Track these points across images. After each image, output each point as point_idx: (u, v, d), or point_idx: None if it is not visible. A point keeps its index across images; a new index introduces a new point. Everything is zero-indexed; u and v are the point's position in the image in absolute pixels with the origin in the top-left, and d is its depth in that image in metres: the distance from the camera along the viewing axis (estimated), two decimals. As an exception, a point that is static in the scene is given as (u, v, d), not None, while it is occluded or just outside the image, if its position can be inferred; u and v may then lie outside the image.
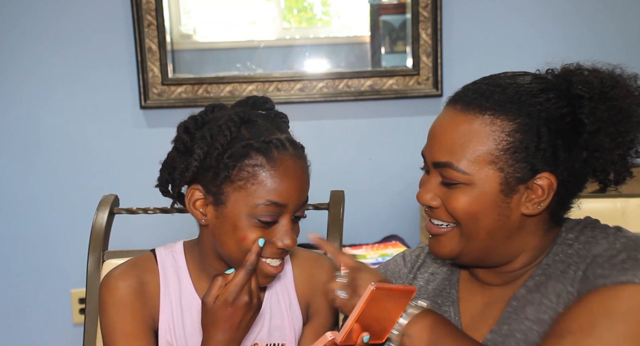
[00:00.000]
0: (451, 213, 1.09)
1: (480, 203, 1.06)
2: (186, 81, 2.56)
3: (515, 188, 1.06)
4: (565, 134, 1.07)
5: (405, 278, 1.26)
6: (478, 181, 1.06)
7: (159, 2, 2.49)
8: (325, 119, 2.62)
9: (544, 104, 1.06)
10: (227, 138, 1.09)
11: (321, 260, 1.30)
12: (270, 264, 1.13)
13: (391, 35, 2.67)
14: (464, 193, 1.07)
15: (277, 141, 1.10)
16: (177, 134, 1.16)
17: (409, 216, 2.67)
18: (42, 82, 2.56)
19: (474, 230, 1.08)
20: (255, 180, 1.08)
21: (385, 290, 1.00)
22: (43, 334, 2.68)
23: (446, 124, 1.09)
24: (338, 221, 1.49)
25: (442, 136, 1.09)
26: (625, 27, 2.61)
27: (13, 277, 2.66)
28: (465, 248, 1.11)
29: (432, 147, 1.11)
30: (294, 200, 1.10)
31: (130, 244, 1.61)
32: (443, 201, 1.10)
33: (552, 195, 1.07)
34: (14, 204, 2.62)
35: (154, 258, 1.22)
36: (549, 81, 1.12)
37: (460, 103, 1.09)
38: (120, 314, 1.16)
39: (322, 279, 1.25)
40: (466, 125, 1.07)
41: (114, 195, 1.57)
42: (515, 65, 2.66)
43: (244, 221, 1.09)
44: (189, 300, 1.20)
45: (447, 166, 1.07)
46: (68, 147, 2.60)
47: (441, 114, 1.13)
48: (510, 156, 1.05)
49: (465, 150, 1.06)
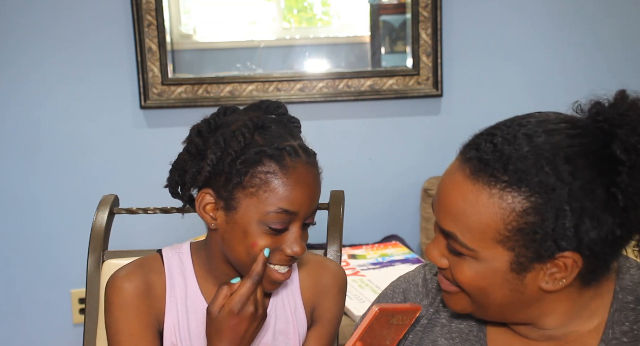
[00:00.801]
0: (457, 283, 0.97)
1: (488, 279, 0.93)
2: (186, 81, 2.56)
3: (530, 266, 0.91)
4: (595, 210, 0.88)
5: (425, 312, 1.11)
6: (484, 258, 0.92)
7: (159, 2, 2.49)
8: (325, 119, 2.62)
9: (568, 178, 0.87)
10: (241, 144, 1.09)
11: (327, 264, 1.29)
12: (278, 271, 1.13)
13: (391, 35, 2.67)
14: (470, 267, 0.94)
15: (290, 148, 1.09)
16: (190, 136, 1.16)
17: (409, 216, 2.67)
18: (42, 82, 2.56)
19: (484, 302, 0.96)
20: (267, 187, 1.08)
21: (389, 310, 0.99)
22: (43, 334, 2.68)
23: (452, 189, 0.94)
24: (338, 221, 1.48)
25: (447, 201, 0.94)
26: (625, 27, 2.61)
27: (13, 277, 2.66)
28: (477, 311, 1.00)
29: (438, 210, 0.96)
30: (305, 208, 1.10)
31: (130, 244, 1.61)
32: (450, 266, 0.97)
33: (578, 271, 0.91)
34: (14, 204, 2.62)
35: (160, 258, 1.22)
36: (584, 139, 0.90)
37: (470, 166, 0.92)
38: (125, 315, 1.16)
39: (328, 284, 1.26)
40: (472, 196, 0.91)
41: (114, 195, 1.57)
42: (515, 65, 2.69)
43: (254, 228, 1.09)
44: (194, 301, 1.19)
45: (451, 237, 0.94)
46: (68, 147, 2.60)
47: (450, 169, 0.96)
48: (522, 237, 0.89)
49: (470, 223, 0.91)
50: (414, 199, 2.64)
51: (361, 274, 2.24)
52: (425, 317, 1.11)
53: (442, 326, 1.09)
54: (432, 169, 2.56)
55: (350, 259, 2.35)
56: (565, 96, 1.05)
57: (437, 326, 1.10)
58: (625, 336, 0.96)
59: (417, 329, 1.11)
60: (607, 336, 0.97)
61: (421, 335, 1.10)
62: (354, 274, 2.22)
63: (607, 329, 0.97)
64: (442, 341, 1.07)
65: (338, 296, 1.28)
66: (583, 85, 1.04)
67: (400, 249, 2.43)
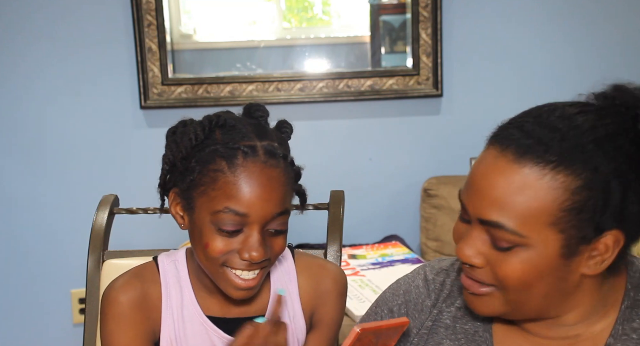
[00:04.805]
0: (500, 279, 0.93)
1: (537, 270, 0.91)
2: (186, 81, 2.56)
3: (577, 249, 0.91)
4: (637, 184, 0.90)
5: (428, 313, 1.09)
6: (535, 244, 0.90)
7: (159, 2, 2.49)
8: (325, 119, 2.62)
9: (612, 153, 0.89)
10: (191, 142, 1.06)
11: (327, 267, 1.25)
12: (240, 277, 1.08)
13: (391, 35, 2.67)
14: (519, 259, 0.91)
15: (247, 148, 1.04)
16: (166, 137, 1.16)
17: (409, 216, 2.67)
18: (42, 82, 2.56)
19: (524, 297, 0.94)
20: (215, 185, 1.04)
21: (372, 329, 0.94)
22: (43, 334, 2.68)
23: (494, 175, 0.91)
24: (338, 221, 1.48)
25: (490, 188, 0.91)
26: (625, 28, 2.61)
27: (13, 277, 2.66)
28: (510, 311, 0.97)
29: (478, 201, 0.93)
30: (257, 210, 1.03)
31: (130, 244, 1.61)
32: (490, 264, 0.94)
33: (618, 251, 0.93)
34: (14, 204, 2.62)
35: (156, 267, 1.19)
36: (613, 118, 0.93)
37: (512, 150, 0.91)
38: (120, 327, 1.14)
39: (328, 288, 1.22)
40: (520, 180, 0.89)
41: (114, 195, 1.57)
42: (515, 65, 2.69)
43: (207, 228, 1.06)
44: (190, 311, 1.17)
45: (498, 227, 0.90)
46: (68, 147, 2.60)
47: (485, 159, 0.94)
48: (575, 216, 0.89)
49: (518, 208, 0.89)
50: (414, 199, 2.64)
51: (361, 274, 2.24)
52: (429, 319, 1.09)
53: (447, 327, 1.07)
54: (432, 169, 2.56)
55: (350, 259, 2.35)
56: (565, 95, 1.05)
57: (441, 328, 1.08)
58: (635, 333, 0.97)
59: (422, 332, 1.09)
60: (616, 331, 0.97)
61: (426, 338, 1.08)
62: (354, 275, 2.22)
63: (617, 325, 0.98)
64: (447, 343, 1.05)
65: (338, 300, 1.24)
66: (583, 85, 1.03)
67: (400, 249, 2.43)
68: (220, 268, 1.08)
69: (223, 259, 1.07)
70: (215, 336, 1.16)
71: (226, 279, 1.08)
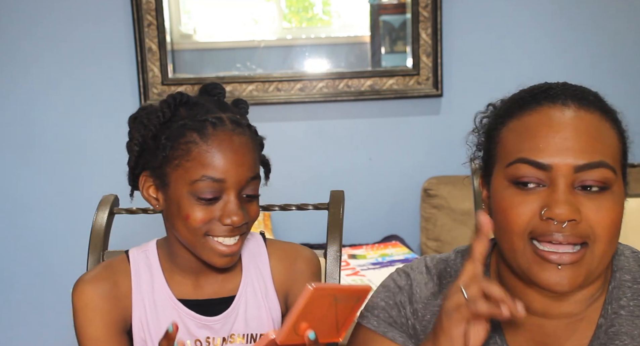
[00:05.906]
0: (594, 226, 0.94)
1: (620, 214, 0.97)
2: (186, 81, 2.56)
3: (626, 189, 1.00)
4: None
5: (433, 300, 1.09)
6: (617, 184, 0.97)
7: (159, 2, 2.49)
8: (325, 119, 2.62)
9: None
10: (159, 119, 1.10)
11: (300, 250, 1.27)
12: (223, 243, 1.11)
13: (391, 35, 2.67)
14: (609, 202, 0.95)
15: (214, 119, 1.10)
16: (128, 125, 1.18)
17: (409, 216, 2.67)
18: (43, 82, 2.56)
19: (609, 250, 0.97)
20: (189, 156, 1.08)
21: (327, 290, 0.94)
22: (43, 334, 2.68)
23: (576, 121, 0.97)
24: (338, 221, 1.48)
25: (578, 134, 0.96)
26: (625, 27, 2.61)
27: (13, 277, 2.66)
28: (588, 276, 0.97)
29: (572, 149, 0.95)
30: (233, 175, 1.08)
31: (130, 244, 1.61)
32: (583, 215, 0.94)
33: None
34: (14, 205, 2.62)
35: (126, 258, 1.23)
36: None
37: (575, 102, 0.98)
38: (89, 319, 1.16)
39: (301, 269, 1.23)
40: (594, 122, 0.97)
41: (114, 195, 1.57)
42: (515, 65, 2.68)
43: (186, 200, 1.09)
44: (162, 295, 1.19)
45: (602, 166, 0.95)
46: (68, 147, 2.60)
47: (549, 115, 0.98)
48: (624, 159, 1.00)
49: (606, 146, 0.96)
50: (414, 199, 2.64)
51: (361, 274, 2.24)
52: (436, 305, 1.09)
53: None
54: (432, 169, 2.56)
55: (350, 259, 2.35)
56: (565, 96, 1.06)
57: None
58: (623, 309, 1.02)
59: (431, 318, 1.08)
60: (606, 311, 1.02)
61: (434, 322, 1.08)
62: (354, 274, 2.22)
63: (607, 305, 1.03)
64: None
65: (312, 280, 1.24)
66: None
67: (400, 249, 2.43)
68: (203, 238, 1.10)
69: (205, 228, 1.09)
70: (188, 318, 1.17)
71: (209, 248, 1.11)
